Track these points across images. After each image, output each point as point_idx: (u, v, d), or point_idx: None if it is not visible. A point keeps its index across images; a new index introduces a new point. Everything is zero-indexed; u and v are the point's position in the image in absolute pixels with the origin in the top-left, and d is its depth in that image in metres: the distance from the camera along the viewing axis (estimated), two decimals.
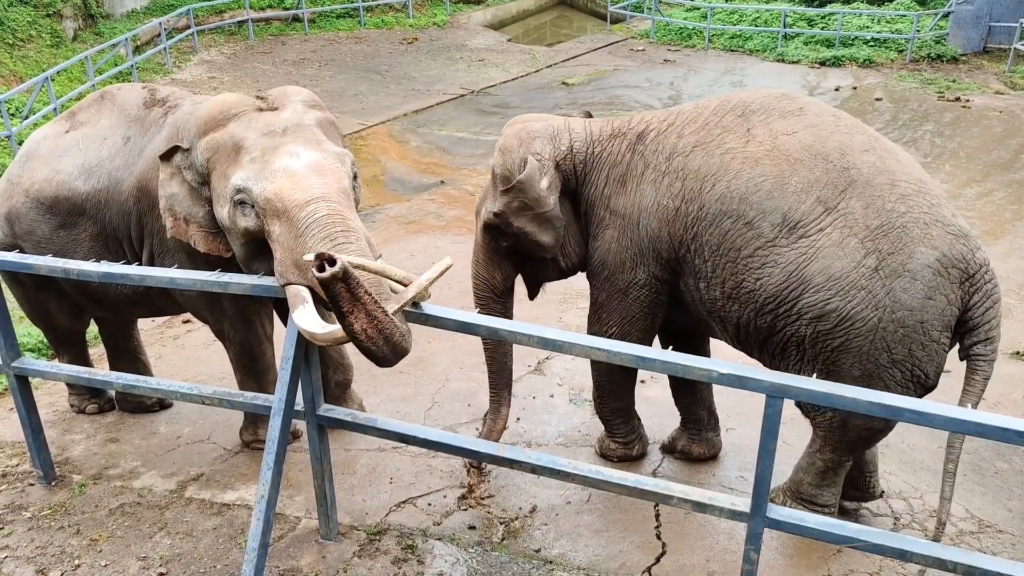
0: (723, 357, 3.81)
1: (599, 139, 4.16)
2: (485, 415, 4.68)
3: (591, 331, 4.30)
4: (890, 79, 16.44)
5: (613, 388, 4.47)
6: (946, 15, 18.21)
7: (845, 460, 3.86)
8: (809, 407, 3.78)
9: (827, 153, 3.55)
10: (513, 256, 4.37)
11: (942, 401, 5.04)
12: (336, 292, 2.90)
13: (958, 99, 14.81)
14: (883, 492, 4.26)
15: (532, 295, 4.65)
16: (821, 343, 3.53)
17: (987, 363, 3.46)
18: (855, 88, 15.92)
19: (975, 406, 3.44)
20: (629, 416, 4.58)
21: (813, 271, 3.46)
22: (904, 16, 18.69)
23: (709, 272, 3.78)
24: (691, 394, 4.58)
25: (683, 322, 4.26)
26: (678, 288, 4.02)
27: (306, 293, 3.40)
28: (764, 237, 3.57)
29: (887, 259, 3.36)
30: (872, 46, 18.23)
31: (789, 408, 3.86)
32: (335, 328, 3.19)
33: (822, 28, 19.25)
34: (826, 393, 2.88)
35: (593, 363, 4.43)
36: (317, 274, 2.80)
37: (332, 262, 2.80)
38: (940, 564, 2.95)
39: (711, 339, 4.57)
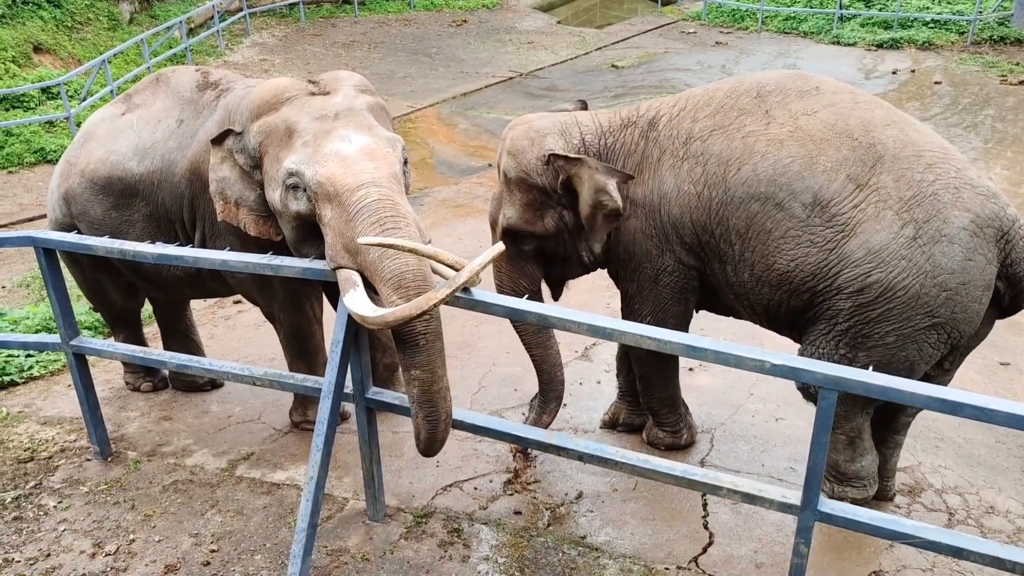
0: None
1: (609, 130, 4.11)
2: (532, 400, 4.66)
3: None
4: (950, 62, 15.99)
5: (656, 378, 4.42)
6: None
7: (862, 421, 3.84)
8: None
9: (851, 130, 3.60)
10: (537, 258, 4.32)
11: (997, 393, 4.91)
12: None
13: (1022, 83, 14.37)
14: (895, 495, 4.25)
15: (556, 295, 4.61)
16: (859, 315, 3.56)
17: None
18: (913, 71, 15.52)
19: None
20: (676, 405, 4.54)
21: (852, 247, 3.51)
22: None
23: (736, 256, 3.78)
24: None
25: (709, 307, 4.26)
26: (705, 273, 4.00)
27: (357, 277, 3.42)
28: (796, 217, 3.59)
29: (924, 227, 3.42)
30: (932, 28, 17.74)
31: None
32: (386, 312, 3.20)
33: (880, 9, 18.79)
34: (883, 386, 2.81)
35: (634, 355, 4.38)
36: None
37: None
38: (998, 563, 2.88)
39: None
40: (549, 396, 4.45)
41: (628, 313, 4.25)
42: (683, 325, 4.17)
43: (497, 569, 3.75)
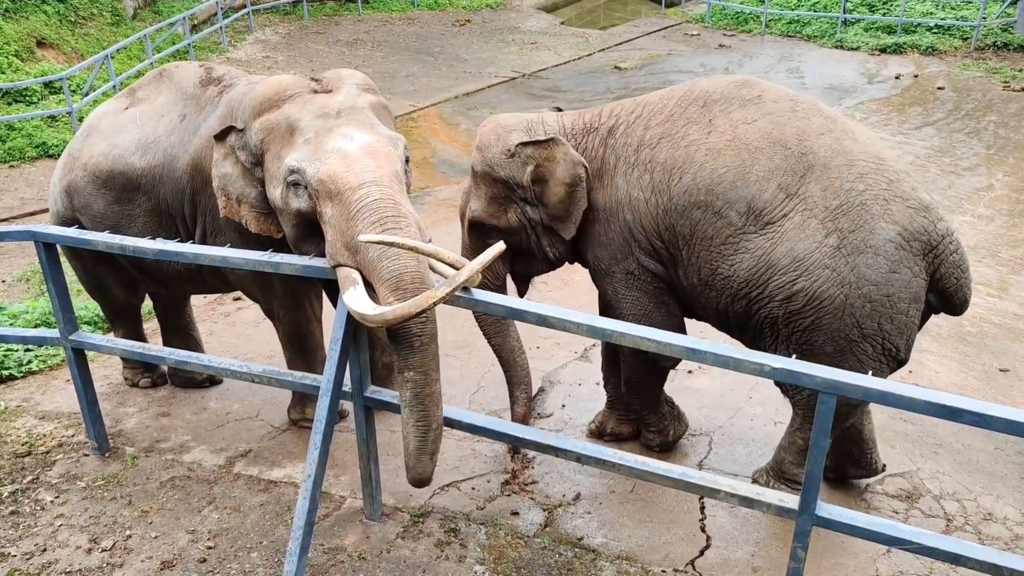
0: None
1: (572, 134, 4.19)
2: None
3: None
4: (953, 67, 15.97)
5: (644, 382, 4.42)
6: (1014, 2, 17.62)
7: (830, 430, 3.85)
8: (788, 385, 3.77)
9: (785, 140, 3.66)
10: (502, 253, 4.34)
11: (996, 399, 4.90)
12: None
13: None
14: (885, 466, 4.32)
15: (522, 291, 4.63)
16: (793, 323, 3.63)
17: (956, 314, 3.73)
18: (916, 76, 15.49)
19: None
20: (658, 404, 4.54)
21: (779, 255, 3.58)
22: (970, 2, 18.13)
23: (685, 260, 3.88)
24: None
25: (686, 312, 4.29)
26: (665, 276, 4.06)
27: (356, 275, 3.42)
28: (733, 226, 3.68)
29: (848, 237, 3.47)
30: (935, 33, 17.70)
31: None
32: (385, 310, 3.20)
33: (884, 14, 18.75)
34: (881, 391, 2.81)
35: (624, 358, 4.36)
36: None
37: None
38: (995, 570, 2.88)
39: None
40: (514, 382, 4.46)
41: (612, 316, 4.24)
42: (672, 328, 4.14)
43: (493, 570, 3.74)
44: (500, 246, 3.24)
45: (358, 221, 3.38)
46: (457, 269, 3.25)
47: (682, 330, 4.19)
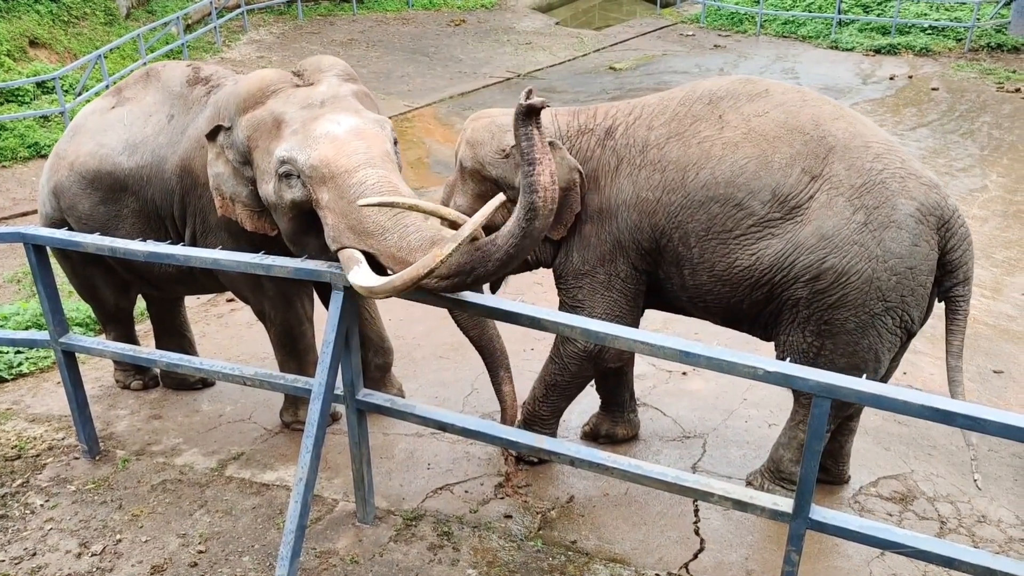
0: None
1: (567, 134, 4.15)
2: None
3: None
4: (947, 68, 16.02)
5: (570, 389, 4.34)
6: (1008, 3, 17.66)
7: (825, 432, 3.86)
8: None
9: (802, 126, 3.72)
10: None
11: (990, 401, 4.89)
12: (531, 134, 2.89)
13: (1018, 90, 14.40)
14: (850, 477, 4.40)
15: (495, 289, 4.60)
16: (817, 302, 3.66)
17: (965, 302, 3.77)
18: (911, 77, 15.54)
19: (961, 343, 3.80)
20: (560, 415, 4.49)
21: (806, 234, 3.61)
22: (964, 3, 18.17)
23: (695, 258, 3.85)
24: (616, 377, 4.57)
25: (656, 306, 4.30)
26: (657, 277, 4.05)
27: (359, 255, 3.40)
28: (755, 215, 3.70)
29: (873, 213, 3.56)
30: (930, 34, 17.78)
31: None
32: (393, 277, 3.17)
33: (878, 15, 18.81)
34: (875, 395, 2.80)
35: (556, 360, 4.27)
36: (524, 101, 2.81)
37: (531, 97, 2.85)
38: (989, 574, 2.86)
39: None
40: (495, 365, 4.32)
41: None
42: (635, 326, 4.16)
43: (486, 573, 3.72)
44: (500, 198, 3.20)
45: (363, 208, 3.37)
46: (457, 226, 3.23)
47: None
